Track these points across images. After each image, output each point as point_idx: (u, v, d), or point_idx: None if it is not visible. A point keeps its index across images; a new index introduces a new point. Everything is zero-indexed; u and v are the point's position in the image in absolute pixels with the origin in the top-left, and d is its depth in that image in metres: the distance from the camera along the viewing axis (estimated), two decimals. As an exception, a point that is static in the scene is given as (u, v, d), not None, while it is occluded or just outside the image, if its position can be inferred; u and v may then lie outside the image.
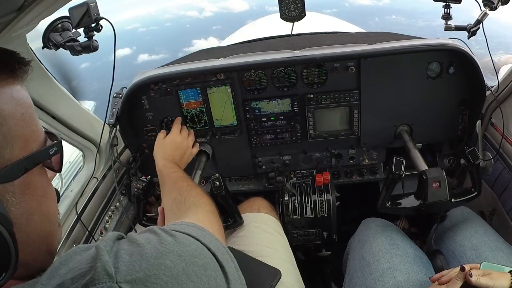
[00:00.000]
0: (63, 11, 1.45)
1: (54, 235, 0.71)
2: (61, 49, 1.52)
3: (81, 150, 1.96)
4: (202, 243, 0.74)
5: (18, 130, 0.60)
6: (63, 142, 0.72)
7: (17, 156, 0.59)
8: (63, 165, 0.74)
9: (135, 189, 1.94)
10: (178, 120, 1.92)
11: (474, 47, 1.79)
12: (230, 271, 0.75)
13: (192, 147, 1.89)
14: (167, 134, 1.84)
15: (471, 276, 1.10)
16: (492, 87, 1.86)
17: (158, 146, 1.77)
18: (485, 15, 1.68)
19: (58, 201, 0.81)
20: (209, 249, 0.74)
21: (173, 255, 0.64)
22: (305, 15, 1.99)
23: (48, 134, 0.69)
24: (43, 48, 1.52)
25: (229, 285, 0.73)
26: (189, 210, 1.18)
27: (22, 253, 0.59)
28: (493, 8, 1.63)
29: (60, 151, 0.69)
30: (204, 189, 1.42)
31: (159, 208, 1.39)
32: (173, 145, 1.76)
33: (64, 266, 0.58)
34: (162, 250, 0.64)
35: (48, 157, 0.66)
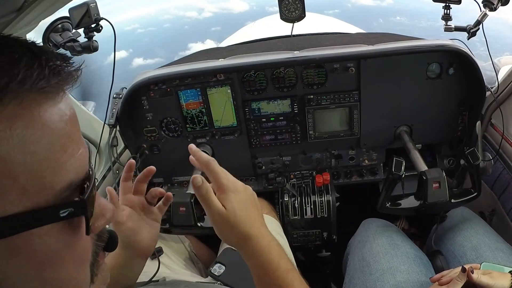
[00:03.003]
0: (63, 12, 1.45)
1: None
2: (61, 49, 1.52)
3: (81, 150, 1.96)
4: None
5: (16, 175, 0.42)
6: None
7: (9, 209, 0.42)
8: None
9: (135, 190, 1.94)
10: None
11: (479, 48, 1.79)
12: None
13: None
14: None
15: (472, 273, 1.10)
16: (492, 87, 1.86)
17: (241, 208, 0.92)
18: (484, 15, 1.68)
19: (113, 249, 0.66)
20: None
21: None
22: (305, 16, 2.00)
23: (85, 181, 0.49)
24: (43, 48, 1.52)
25: None
26: None
27: None
28: (492, 9, 1.63)
29: (79, 215, 0.48)
30: None
31: (108, 188, 1.15)
32: (250, 200, 0.97)
33: None
34: None
35: (55, 221, 0.46)
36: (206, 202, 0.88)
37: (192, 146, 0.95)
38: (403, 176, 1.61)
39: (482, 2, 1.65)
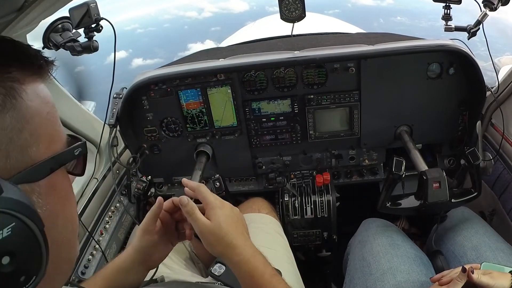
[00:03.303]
0: (64, 12, 1.45)
1: (75, 243, 0.67)
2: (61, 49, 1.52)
3: (81, 150, 1.96)
4: None
5: (44, 128, 0.58)
6: None
7: (42, 155, 0.56)
8: None
9: (135, 190, 1.94)
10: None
11: (480, 48, 1.79)
12: None
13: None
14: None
15: (472, 273, 1.10)
16: (492, 87, 1.86)
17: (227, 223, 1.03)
18: (485, 15, 1.68)
19: None
20: None
21: None
22: (305, 16, 2.00)
23: (70, 136, 0.66)
24: (43, 48, 1.52)
25: None
26: None
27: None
28: (493, 9, 1.63)
29: (84, 152, 0.66)
30: None
31: (159, 198, 1.14)
32: (235, 219, 1.07)
33: None
34: None
35: (73, 158, 0.63)
36: (192, 217, 1.00)
37: (183, 180, 1.12)
38: (403, 176, 1.61)
39: (482, 2, 1.65)
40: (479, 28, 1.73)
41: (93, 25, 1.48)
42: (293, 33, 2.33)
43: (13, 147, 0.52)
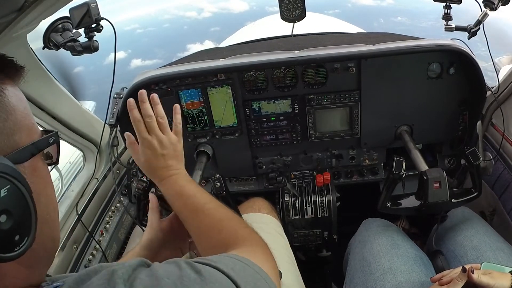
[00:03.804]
0: (64, 12, 1.45)
1: (56, 222, 0.75)
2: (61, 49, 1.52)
3: (81, 150, 1.96)
4: (232, 280, 0.70)
5: (23, 120, 0.68)
6: (63, 142, 0.74)
7: (24, 142, 0.66)
8: (61, 162, 0.80)
9: (136, 190, 1.93)
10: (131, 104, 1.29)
11: (481, 48, 1.79)
12: None
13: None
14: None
15: (472, 273, 1.10)
16: (492, 87, 1.86)
17: (150, 160, 1.23)
18: (485, 15, 1.68)
19: None
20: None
21: None
22: (305, 16, 2.00)
23: (43, 130, 0.76)
24: (43, 48, 1.52)
25: None
26: (237, 242, 1.00)
27: None
28: (493, 9, 1.63)
29: (57, 141, 0.76)
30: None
31: (151, 196, 1.23)
32: (171, 148, 1.25)
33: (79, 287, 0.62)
34: None
35: (48, 145, 0.72)
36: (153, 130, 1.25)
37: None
38: (404, 176, 1.61)
39: (483, 2, 1.65)
40: (479, 28, 1.73)
41: (93, 25, 1.48)
42: (293, 33, 2.33)
43: (0, 133, 0.62)
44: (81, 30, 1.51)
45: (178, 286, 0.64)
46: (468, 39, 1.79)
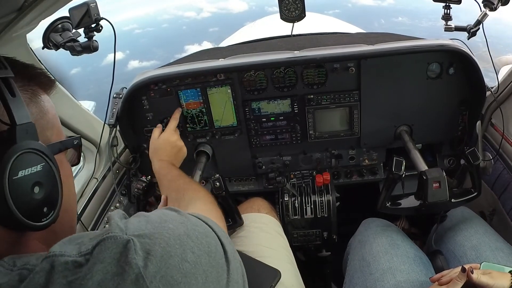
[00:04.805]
0: (63, 12, 1.45)
1: (74, 211, 0.88)
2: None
3: (81, 150, 1.95)
4: (204, 222, 0.83)
5: (54, 121, 0.82)
6: None
7: (55, 139, 0.81)
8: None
9: (135, 190, 1.94)
10: (177, 113, 1.90)
11: (482, 49, 1.79)
12: (229, 250, 0.82)
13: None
14: (163, 129, 1.81)
15: (472, 273, 1.11)
16: (492, 87, 1.86)
17: (153, 146, 1.74)
18: (485, 15, 1.68)
19: None
20: (211, 228, 0.82)
21: (176, 222, 0.75)
22: (305, 16, 2.00)
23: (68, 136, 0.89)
24: (43, 48, 1.52)
25: (227, 259, 0.80)
26: (189, 205, 1.26)
27: None
28: (493, 9, 1.63)
29: (80, 144, 0.88)
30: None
31: (163, 197, 1.48)
32: (167, 145, 1.73)
33: (81, 235, 0.70)
34: (166, 218, 0.75)
35: (73, 146, 0.85)
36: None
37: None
38: (403, 175, 1.61)
39: (482, 2, 1.65)
40: (479, 28, 1.73)
41: (93, 25, 1.48)
42: (293, 33, 2.33)
43: (37, 126, 0.73)
44: (81, 30, 1.51)
45: (163, 218, 0.75)
46: (468, 39, 1.79)
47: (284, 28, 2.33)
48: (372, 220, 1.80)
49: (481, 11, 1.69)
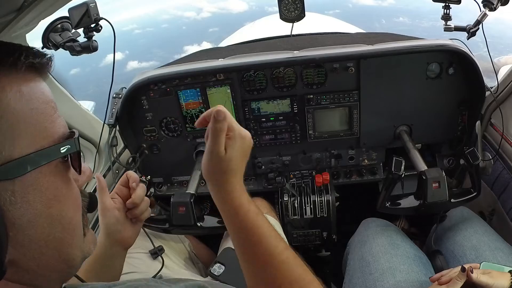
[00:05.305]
0: (63, 11, 1.45)
1: (70, 243, 0.63)
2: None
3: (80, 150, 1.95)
4: None
5: (24, 126, 0.56)
6: None
7: (19, 153, 0.54)
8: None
9: (135, 190, 1.93)
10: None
11: (482, 49, 1.79)
12: None
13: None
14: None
15: (472, 273, 1.11)
16: (491, 87, 1.86)
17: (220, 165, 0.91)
18: (484, 15, 1.68)
19: (93, 209, 0.79)
20: None
21: None
22: (304, 16, 2.00)
23: (72, 133, 0.64)
24: (42, 48, 1.52)
25: None
26: None
27: (23, 257, 0.56)
28: (492, 9, 1.63)
29: (74, 150, 0.63)
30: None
31: (97, 175, 1.18)
32: (247, 148, 0.95)
33: None
34: None
35: (58, 156, 0.60)
36: (216, 138, 0.87)
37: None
38: (403, 175, 1.61)
39: (482, 2, 1.65)
40: (478, 28, 1.73)
41: (92, 25, 1.48)
42: (292, 33, 2.33)
43: None
44: (80, 30, 1.51)
45: None
46: (467, 39, 1.79)
47: (283, 28, 2.33)
48: (372, 220, 1.80)
49: (480, 11, 1.69)
